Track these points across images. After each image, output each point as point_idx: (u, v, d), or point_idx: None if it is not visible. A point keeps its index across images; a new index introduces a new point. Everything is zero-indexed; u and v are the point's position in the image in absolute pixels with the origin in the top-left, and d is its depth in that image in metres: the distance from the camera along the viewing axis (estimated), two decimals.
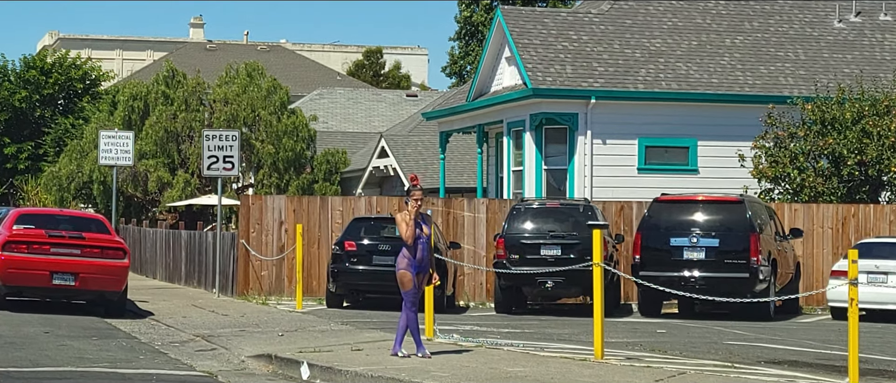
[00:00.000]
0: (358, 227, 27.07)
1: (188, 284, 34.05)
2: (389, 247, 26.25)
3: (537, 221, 26.87)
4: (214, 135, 29.77)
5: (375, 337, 20.22)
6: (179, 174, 50.33)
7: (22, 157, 69.41)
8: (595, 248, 17.48)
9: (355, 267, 26.25)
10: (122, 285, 24.51)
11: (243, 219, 29.67)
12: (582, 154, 36.52)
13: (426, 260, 17.15)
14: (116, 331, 21.67)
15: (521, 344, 18.98)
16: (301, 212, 29.90)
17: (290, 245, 29.61)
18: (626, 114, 36.94)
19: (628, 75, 37.41)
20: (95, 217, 26.82)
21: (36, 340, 19.39)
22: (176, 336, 21.23)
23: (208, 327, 22.32)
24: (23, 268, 23.95)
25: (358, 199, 30.55)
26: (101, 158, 34.87)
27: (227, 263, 30.18)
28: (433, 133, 50.58)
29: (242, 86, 52.27)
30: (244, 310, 25.78)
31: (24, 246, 24.16)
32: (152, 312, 25.59)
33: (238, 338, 20.24)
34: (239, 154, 29.74)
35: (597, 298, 17.35)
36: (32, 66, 70.72)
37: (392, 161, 48.25)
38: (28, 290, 24.44)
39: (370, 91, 74.36)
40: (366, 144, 57.00)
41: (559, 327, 23.49)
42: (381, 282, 26.08)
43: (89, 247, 24.30)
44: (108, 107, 60.62)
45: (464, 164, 47.40)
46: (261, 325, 22.48)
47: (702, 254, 26.22)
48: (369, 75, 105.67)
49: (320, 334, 20.76)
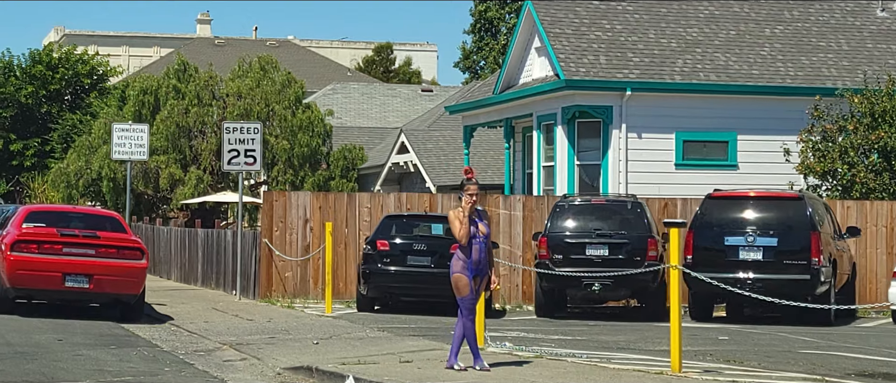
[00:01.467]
0: (390, 225, 25.32)
1: (205, 285, 32.34)
2: (425, 246, 24.56)
3: (582, 219, 25.15)
4: (235, 127, 28.06)
5: (420, 345, 18.50)
6: (192, 170, 48.63)
7: (28, 154, 67.77)
8: (672, 249, 15.74)
9: (388, 268, 24.50)
10: (139, 288, 22.80)
11: (266, 217, 27.94)
12: (616, 148, 34.78)
13: (484, 261, 15.43)
14: (135, 339, 19.96)
15: (585, 355, 17.24)
16: (327, 210, 28.18)
17: (315, 244, 27.91)
18: (662, 106, 35.21)
19: (664, 66, 35.68)
20: (110, 214, 25.09)
21: (49, 350, 17.69)
22: (200, 343, 19.51)
23: (234, 333, 20.61)
24: (33, 269, 22.22)
25: (386, 196, 28.83)
26: (115, 152, 33.13)
27: (249, 264, 28.46)
28: (454, 128, 48.87)
29: (256, 79, 50.55)
30: (270, 315, 24.07)
31: (35, 245, 22.43)
32: (171, 316, 23.89)
33: (269, 347, 18.53)
34: (261, 147, 28.04)
35: (674, 304, 15.62)
36: (39, 61, 69.04)
37: (412, 156, 46.52)
38: (38, 293, 22.72)
39: (384, 86, 72.71)
40: (383, 140, 55.33)
41: (611, 333, 21.76)
42: (416, 285, 24.40)
43: (104, 247, 22.57)
44: (116, 103, 58.98)
45: (487, 160, 45.69)
46: (291, 332, 20.76)
47: (759, 254, 24.48)
48: (379, 71, 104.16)
49: (358, 342, 19.04)
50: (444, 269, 24.37)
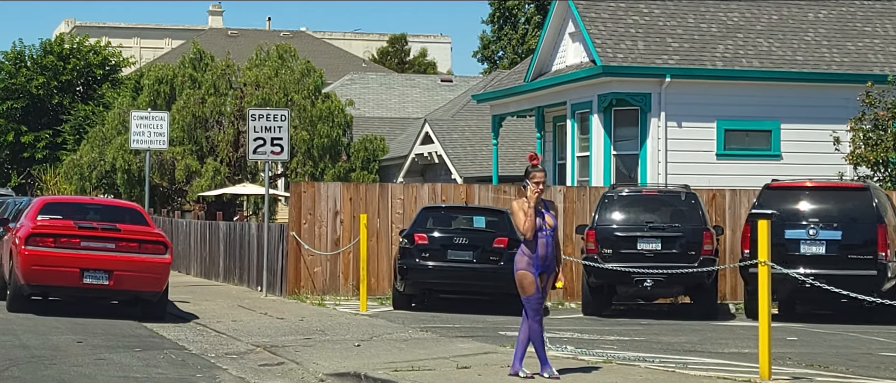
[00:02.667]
0: (428, 218, 23.77)
1: (228, 281, 30.86)
2: (466, 240, 23.04)
3: (632, 211, 23.60)
4: (261, 114, 26.56)
5: (472, 348, 16.99)
6: (208, 162, 47.21)
7: (40, 146, 66.49)
8: (761, 242, 14.25)
9: (427, 263, 22.94)
10: (162, 284, 21.30)
11: (294, 209, 26.43)
12: (655, 138, 33.23)
13: (551, 257, 13.93)
14: (160, 340, 18.47)
15: (655, 360, 15.73)
16: (358, 201, 26.68)
17: (346, 238, 26.42)
18: (703, 94, 33.65)
19: (705, 52, 34.12)
20: (131, 206, 23.58)
21: (68, 353, 16.21)
22: (231, 345, 18.02)
23: (266, 334, 19.12)
24: (49, 264, 20.72)
25: (420, 187, 27.29)
26: (133, 141, 31.60)
27: (275, 258, 26.95)
28: (480, 117, 47.40)
29: (274, 68, 49.09)
30: (300, 313, 22.58)
31: (51, 239, 20.92)
32: (196, 315, 22.40)
33: (307, 349, 17.04)
34: (288, 135, 26.55)
35: (763, 305, 14.12)
36: (50, 52, 67.66)
37: (437, 147, 44.98)
38: (55, 290, 21.23)
39: (402, 76, 71.20)
40: (404, 131, 53.86)
41: (670, 333, 20.23)
42: (457, 281, 22.88)
43: (125, 241, 21.06)
44: (130, 93, 57.56)
45: (515, 151, 44.16)
46: (327, 332, 19.27)
47: (821, 249, 22.90)
48: (394, 63, 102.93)
49: (403, 344, 17.54)
50: (487, 265, 23.07)
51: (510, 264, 23.14)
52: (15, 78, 66.54)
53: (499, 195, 27.02)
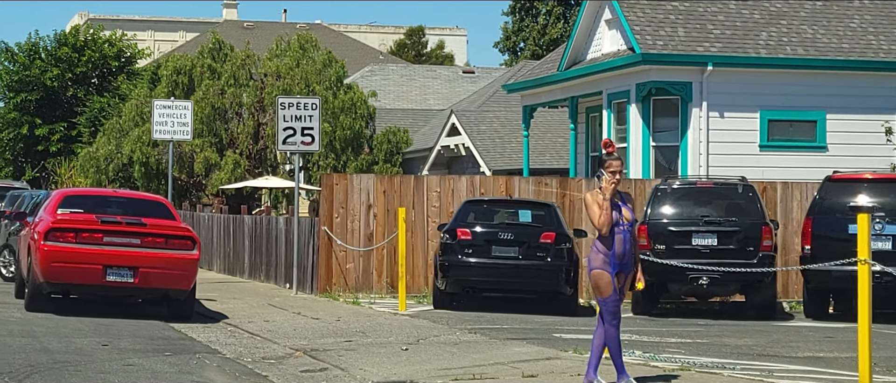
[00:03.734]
0: (470, 212, 22.42)
1: (253, 278, 29.58)
2: (511, 235, 21.71)
3: (687, 205, 22.25)
4: (291, 102, 25.28)
5: (530, 352, 15.67)
6: (228, 154, 45.98)
7: (54, 139, 65.31)
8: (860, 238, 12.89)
9: (471, 259, 21.60)
10: (190, 282, 20.00)
11: (326, 203, 25.12)
12: (696, 129, 31.90)
13: (629, 254, 12.62)
14: (191, 342, 17.18)
15: (736, 367, 14.41)
16: (392, 194, 25.39)
17: (379, 232, 25.13)
18: (746, 83, 32.30)
19: (748, 39, 32.76)
20: (156, 198, 22.27)
21: (93, 357, 14.94)
22: (267, 349, 16.72)
23: (303, 336, 17.84)
24: (70, 261, 19.42)
25: (458, 179, 25.96)
26: (155, 132, 30.25)
27: (305, 254, 25.66)
28: (508, 107, 46.11)
29: (295, 59, 47.83)
30: (336, 312, 21.29)
31: (72, 234, 19.62)
32: (225, 314, 21.12)
33: (351, 354, 15.74)
34: (320, 125, 25.26)
35: (863, 307, 12.76)
36: (64, 43, 66.45)
37: (464, 139, 43.63)
38: (76, 288, 19.92)
39: (423, 68, 69.86)
40: (428, 122, 52.56)
41: (733, 335, 18.91)
42: (502, 279, 21.55)
43: (151, 236, 19.76)
44: (147, 84, 56.32)
45: (545, 143, 42.83)
46: (368, 334, 17.98)
47: (888, 244, 21.59)
48: (411, 55, 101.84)
49: (454, 348, 16.24)
50: (533, 261, 21.76)
51: (558, 261, 22.00)
52: (29, 70, 65.39)
53: (540, 188, 25.71)
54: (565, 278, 21.50)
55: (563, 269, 21.45)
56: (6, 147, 67.42)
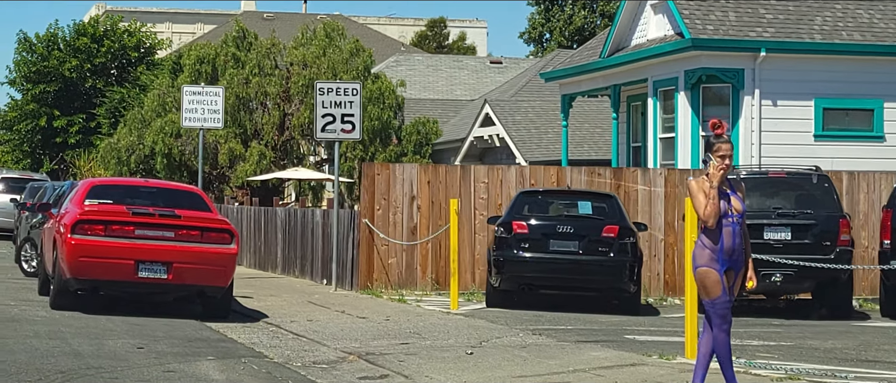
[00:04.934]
0: (525, 203, 20.91)
1: (287, 273, 28.17)
2: (571, 228, 20.24)
3: (757, 196, 20.71)
4: (330, 87, 23.84)
5: (610, 357, 14.22)
6: (253, 146, 44.61)
7: (72, 131, 64.11)
8: None
9: (527, 254, 20.11)
10: (228, 278, 18.58)
11: (367, 194, 23.69)
12: (748, 117, 30.38)
13: (739, 249, 11.15)
14: (233, 345, 15.75)
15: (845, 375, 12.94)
16: (436, 185, 23.94)
17: (424, 225, 23.69)
18: (800, 69, 30.78)
19: (802, 24, 31.24)
20: (190, 189, 20.82)
21: (129, 362, 13.52)
22: (317, 352, 15.28)
23: (354, 337, 16.40)
24: (99, 255, 18.00)
25: (507, 170, 24.50)
26: (185, 120, 28.77)
27: (345, 248, 24.22)
28: (543, 97, 44.71)
29: (321, 47, 46.38)
30: (382, 311, 19.85)
31: (101, 227, 18.20)
32: (263, 313, 19.69)
33: (411, 359, 14.30)
34: (360, 112, 23.83)
35: None
36: (83, 34, 65.18)
37: (499, 129, 42.14)
38: (105, 284, 18.47)
39: (450, 58, 68.40)
40: (457, 113, 51.13)
41: (817, 337, 17.44)
42: (561, 275, 20.06)
43: (186, 229, 18.34)
44: (168, 74, 54.98)
45: (582, 133, 41.35)
46: (424, 335, 16.54)
47: None
48: (433, 47, 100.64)
49: (523, 352, 14.79)
50: (595, 256, 20.29)
51: (621, 256, 20.53)
52: (47, 60, 64.17)
53: (593, 178, 24.25)
54: (629, 275, 20.03)
55: (627, 265, 20.00)
56: (24, 139, 66.30)
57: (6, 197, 41.87)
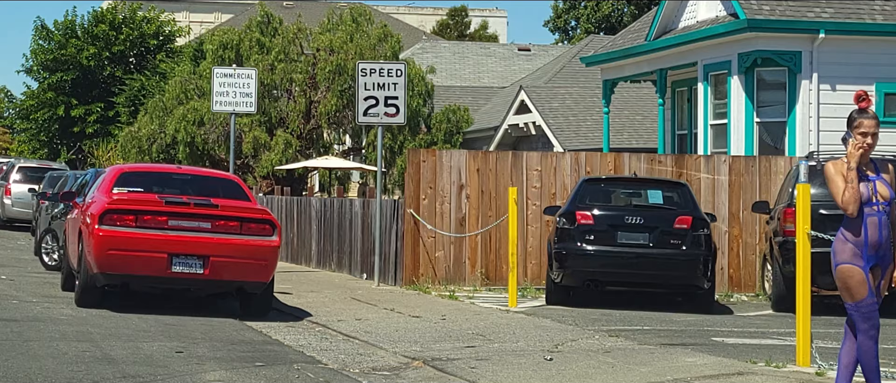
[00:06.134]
0: (590, 192, 19.31)
1: (322, 267, 26.65)
2: (640, 219, 18.66)
3: None
4: (372, 68, 22.30)
5: (708, 364, 12.63)
6: (278, 134, 43.13)
7: (90, 120, 62.75)
8: None
9: (593, 247, 18.50)
10: (269, 274, 17.04)
11: (411, 182, 22.13)
12: (805, 103, 28.75)
13: (886, 243, 9.57)
14: (281, 348, 14.21)
15: None
16: (486, 173, 22.37)
17: (473, 216, 22.14)
18: (860, 52, 29.12)
19: (863, 4, 29.57)
20: (227, 176, 19.28)
21: (170, 369, 11.99)
22: (374, 356, 13.73)
23: (411, 339, 14.85)
24: (130, 248, 16.49)
25: (561, 157, 22.92)
26: (215, 103, 27.17)
27: (388, 241, 22.68)
28: (580, 84, 43.12)
29: (348, 33, 44.89)
30: (435, 309, 18.29)
31: (131, 217, 16.68)
32: (306, 310, 18.16)
33: (484, 365, 12.75)
34: (405, 95, 22.28)
35: None
36: (102, 21, 63.78)
37: (535, 117, 40.55)
38: (136, 280, 16.94)
39: (477, 44, 66.88)
40: (488, 100, 49.59)
41: None
42: (629, 270, 18.46)
43: (224, 220, 16.81)
44: (189, 62, 53.55)
45: (622, 121, 39.75)
46: (490, 337, 14.98)
47: None
48: (454, 35, 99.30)
49: (607, 357, 13.22)
50: (666, 250, 18.69)
51: (695, 249, 18.94)
52: (65, 48, 62.78)
53: (654, 166, 22.67)
54: (703, 270, 18.44)
55: (701, 259, 18.40)
56: (41, 128, 64.99)
57: (24, 187, 40.50)
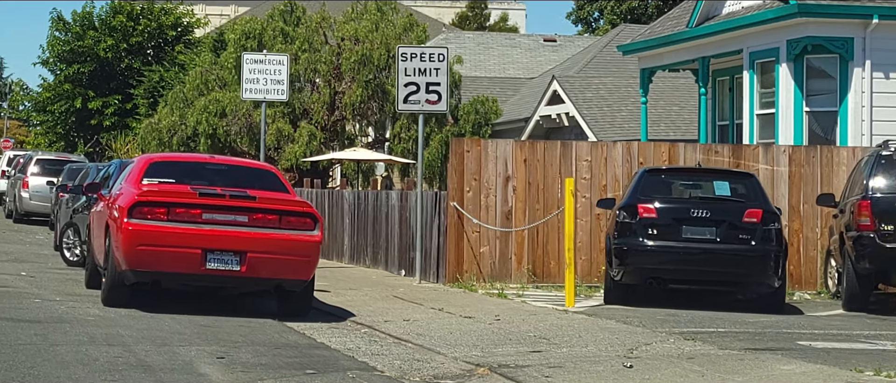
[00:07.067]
0: (651, 184, 18.03)
1: (356, 262, 25.45)
2: (707, 212, 17.39)
3: None
4: (414, 53, 21.08)
5: (809, 372, 11.40)
6: (302, 125, 41.95)
7: (108, 112, 61.60)
8: None
9: (656, 243, 17.21)
10: (310, 271, 15.83)
11: (455, 173, 20.90)
12: (858, 91, 27.44)
13: None
14: (328, 353, 13.00)
15: None
16: (534, 163, 21.12)
17: (520, 209, 20.90)
18: None
19: None
20: (264, 167, 18.08)
21: (212, 379, 10.81)
22: (433, 362, 12.52)
23: (470, 342, 13.64)
24: (161, 243, 15.28)
25: (612, 146, 21.69)
26: (245, 91, 25.92)
27: (428, 235, 21.45)
28: (613, 74, 41.86)
29: (373, 21, 43.66)
30: (486, 308, 17.07)
31: (163, 210, 15.48)
32: (347, 310, 16.95)
33: (557, 373, 11.53)
34: (448, 81, 21.08)
35: None
36: (119, 12, 62.69)
37: (568, 107, 39.29)
38: (168, 278, 15.74)
39: (501, 35, 65.65)
40: (516, 91, 48.35)
41: None
42: (696, 267, 17.18)
43: (262, 213, 15.60)
44: (209, 52, 52.38)
45: (658, 111, 38.44)
46: (554, 341, 13.76)
47: None
48: (474, 27, 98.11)
49: (691, 364, 12.01)
50: (735, 245, 17.39)
51: (765, 244, 17.60)
52: (82, 40, 61.71)
53: (710, 156, 21.43)
54: (774, 267, 17.19)
55: (772, 256, 17.16)
56: (57, 121, 63.94)
57: (42, 180, 39.44)
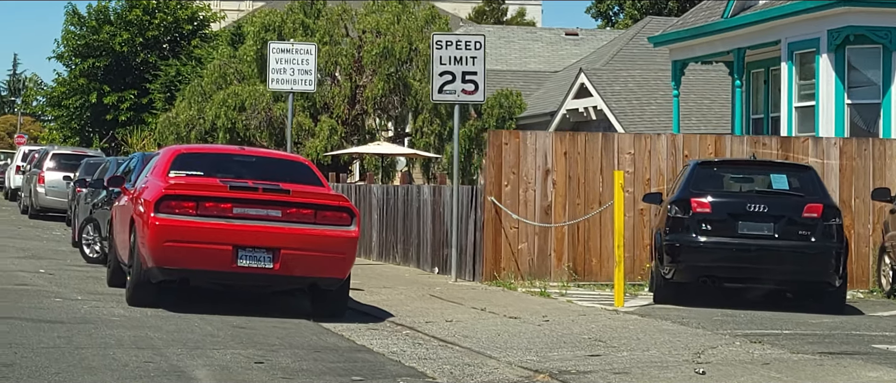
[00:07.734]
0: (703, 177, 17.13)
1: (386, 260, 24.58)
2: (764, 207, 16.48)
3: None
4: (449, 40, 20.23)
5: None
6: (323, 120, 41.15)
7: (123, 107, 60.84)
8: None
9: (710, 239, 16.32)
10: (347, 269, 14.96)
11: (493, 166, 20.03)
12: None
13: None
14: (372, 357, 12.14)
15: None
16: (574, 156, 20.23)
17: (559, 205, 20.03)
18: None
19: None
20: (297, 159, 17.23)
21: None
22: (485, 368, 11.65)
23: (521, 346, 12.76)
24: (190, 239, 14.42)
25: (656, 139, 20.79)
26: (272, 81, 24.99)
27: (465, 232, 20.57)
28: (641, 67, 40.97)
29: (394, 14, 42.81)
30: (531, 308, 16.19)
31: (191, 203, 14.62)
32: (385, 310, 16.08)
33: (623, 380, 10.66)
34: (484, 70, 20.21)
35: None
36: (135, 6, 61.91)
37: (596, 101, 38.38)
38: (197, 275, 14.88)
39: (522, 29, 64.78)
40: (540, 85, 47.48)
41: None
42: (752, 264, 16.27)
43: (296, 207, 14.73)
44: (227, 46, 51.59)
45: (688, 105, 37.51)
46: (612, 343, 12.88)
47: None
48: (491, 22, 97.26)
49: (768, 371, 11.13)
50: (793, 241, 16.49)
51: (826, 241, 16.62)
52: (97, 34, 60.96)
53: (757, 148, 20.52)
54: (835, 265, 16.28)
55: (834, 253, 16.26)
56: (73, 115, 63.20)
57: (58, 174, 38.69)
